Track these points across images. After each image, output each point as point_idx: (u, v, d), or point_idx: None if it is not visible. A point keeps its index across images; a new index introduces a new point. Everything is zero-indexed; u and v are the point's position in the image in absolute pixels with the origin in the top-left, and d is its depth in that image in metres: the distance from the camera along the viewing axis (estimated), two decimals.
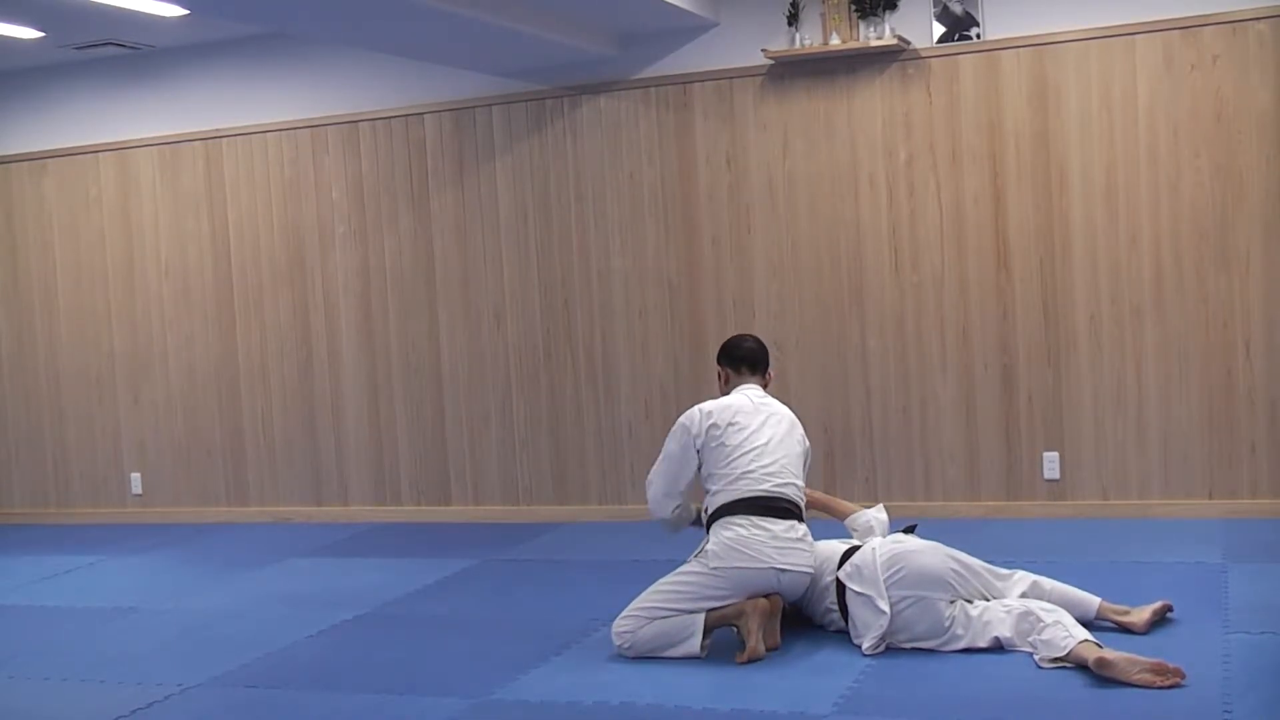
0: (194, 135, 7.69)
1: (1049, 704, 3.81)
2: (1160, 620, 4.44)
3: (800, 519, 4.57)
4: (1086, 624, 4.31)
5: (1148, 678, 3.86)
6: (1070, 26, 6.19)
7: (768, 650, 4.41)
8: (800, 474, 4.63)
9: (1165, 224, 6.11)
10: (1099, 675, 3.93)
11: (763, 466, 4.51)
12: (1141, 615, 4.40)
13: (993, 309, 6.37)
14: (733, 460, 4.52)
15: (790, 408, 4.83)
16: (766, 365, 4.82)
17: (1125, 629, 4.38)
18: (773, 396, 4.80)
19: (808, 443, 4.75)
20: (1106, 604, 4.43)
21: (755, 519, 4.46)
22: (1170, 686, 3.83)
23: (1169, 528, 5.95)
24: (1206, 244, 6.06)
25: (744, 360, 4.79)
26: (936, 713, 3.82)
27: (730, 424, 4.56)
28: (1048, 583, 4.45)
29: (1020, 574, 4.46)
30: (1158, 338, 6.16)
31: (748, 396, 4.69)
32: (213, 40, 7.48)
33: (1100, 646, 4.01)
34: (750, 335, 4.94)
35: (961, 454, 6.45)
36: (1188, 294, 6.10)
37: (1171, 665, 3.87)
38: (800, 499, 4.60)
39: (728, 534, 4.47)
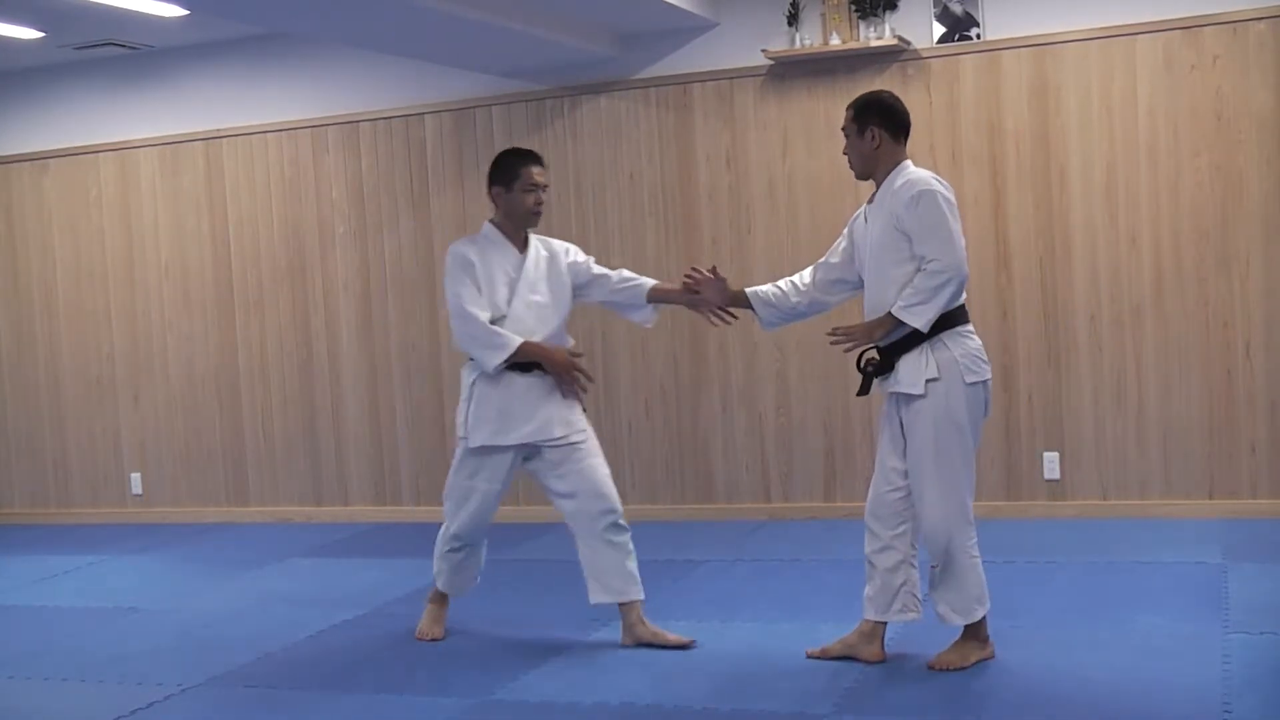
0: (194, 135, 7.69)
1: (1049, 704, 3.82)
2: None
3: None
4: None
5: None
6: (1070, 27, 6.19)
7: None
8: None
9: (1165, 224, 6.11)
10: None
11: None
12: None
13: (993, 309, 6.36)
14: None
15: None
16: None
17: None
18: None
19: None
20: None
21: None
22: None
23: (1169, 528, 5.95)
24: (1206, 244, 6.06)
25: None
26: (936, 713, 3.82)
27: None
28: None
29: None
30: (1158, 338, 6.16)
31: None
32: (213, 40, 7.48)
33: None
34: None
35: None
36: (1188, 294, 6.10)
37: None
38: None
39: None
